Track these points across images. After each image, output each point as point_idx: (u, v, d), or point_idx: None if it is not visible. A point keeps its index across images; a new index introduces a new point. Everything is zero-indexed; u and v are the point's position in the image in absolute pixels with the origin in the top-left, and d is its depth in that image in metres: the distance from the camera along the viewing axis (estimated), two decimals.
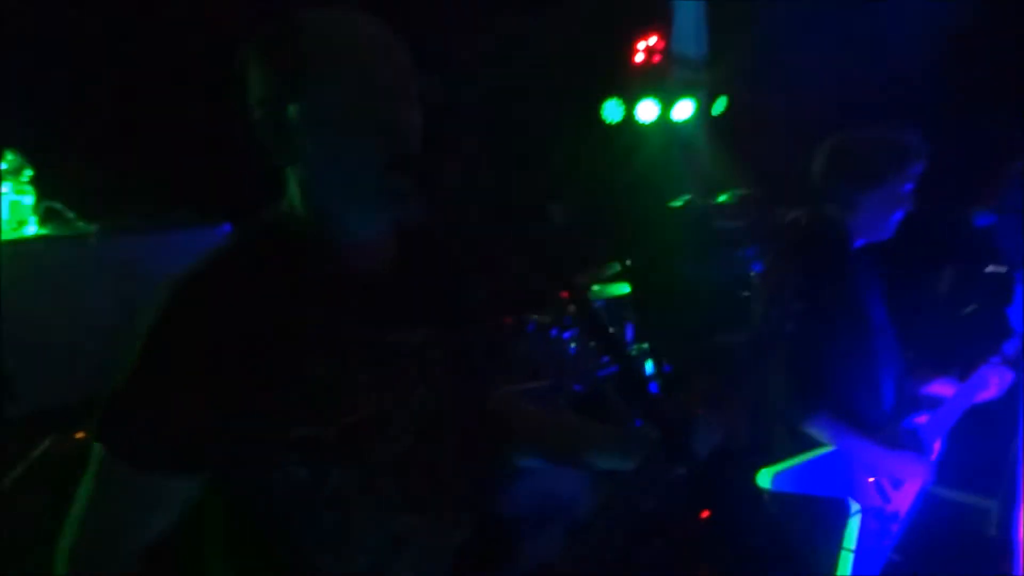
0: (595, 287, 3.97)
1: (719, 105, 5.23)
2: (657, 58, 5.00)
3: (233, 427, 1.07)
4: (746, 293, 4.24)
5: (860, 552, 2.20)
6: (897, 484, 2.23)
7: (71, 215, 2.76)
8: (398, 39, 1.18)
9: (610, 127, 4.95)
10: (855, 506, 2.21)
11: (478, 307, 1.38)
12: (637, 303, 4.39)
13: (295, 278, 1.13)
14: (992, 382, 2.34)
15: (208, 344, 1.06)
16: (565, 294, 3.86)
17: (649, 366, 3.80)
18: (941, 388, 2.43)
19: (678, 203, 4.91)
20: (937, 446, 2.36)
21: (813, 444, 2.21)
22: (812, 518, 2.27)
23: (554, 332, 3.60)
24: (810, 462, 2.22)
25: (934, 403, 2.39)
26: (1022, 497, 2.31)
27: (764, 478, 2.25)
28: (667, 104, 5.13)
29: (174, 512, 1.10)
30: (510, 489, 2.79)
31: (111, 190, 2.83)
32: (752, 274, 4.50)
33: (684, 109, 5.17)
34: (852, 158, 2.24)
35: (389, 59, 1.16)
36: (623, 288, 4.24)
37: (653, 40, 4.95)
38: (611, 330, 3.91)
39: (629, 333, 4.21)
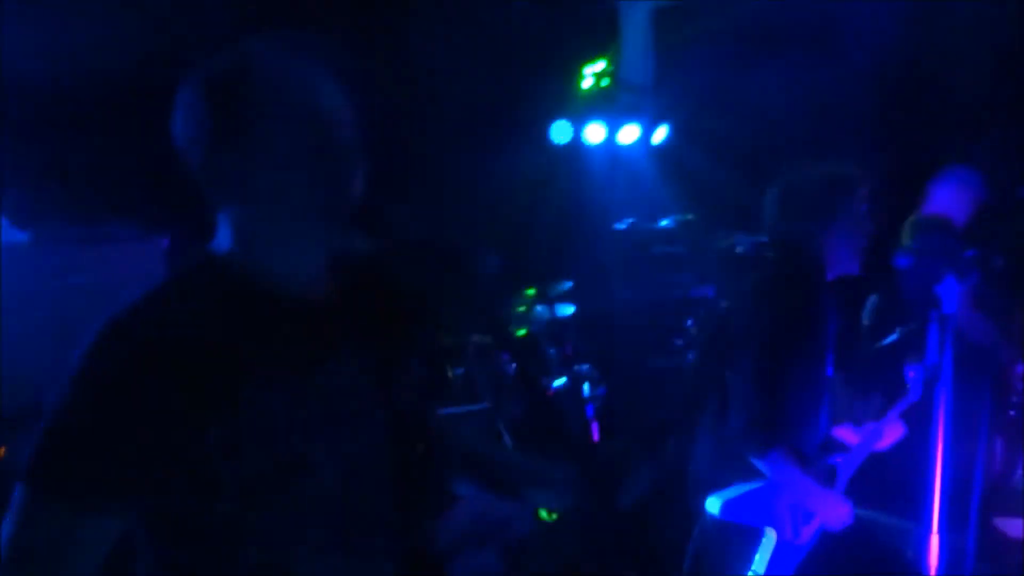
0: (539, 308, 4.02)
1: (661, 132, 5.34)
2: (604, 82, 5.09)
3: (165, 465, 1.07)
4: (683, 317, 4.34)
5: None
6: (808, 518, 2.32)
7: (4, 223, 2.69)
8: (341, 80, 1.19)
9: (558, 149, 5.02)
10: (771, 533, 2.28)
11: (414, 337, 1.39)
12: (579, 324, 4.45)
13: (229, 317, 1.14)
14: (886, 434, 2.43)
15: (141, 382, 1.06)
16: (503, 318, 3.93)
17: (586, 388, 3.85)
18: (843, 433, 2.52)
19: (621, 226, 5.00)
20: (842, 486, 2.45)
21: (750, 473, 2.27)
22: (740, 546, 2.33)
23: (495, 354, 3.63)
24: (752, 492, 2.28)
25: (842, 446, 2.48)
26: (933, 520, 2.41)
27: (713, 505, 2.29)
28: (613, 128, 5.22)
29: (101, 554, 1.09)
30: (446, 511, 2.81)
31: (47, 199, 2.78)
32: (690, 299, 4.61)
33: (629, 133, 5.27)
34: (804, 198, 2.32)
35: (333, 104, 1.16)
36: (567, 308, 4.29)
37: (600, 65, 5.04)
38: (550, 351, 3.97)
39: (570, 354, 4.25)
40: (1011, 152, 4.13)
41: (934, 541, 2.31)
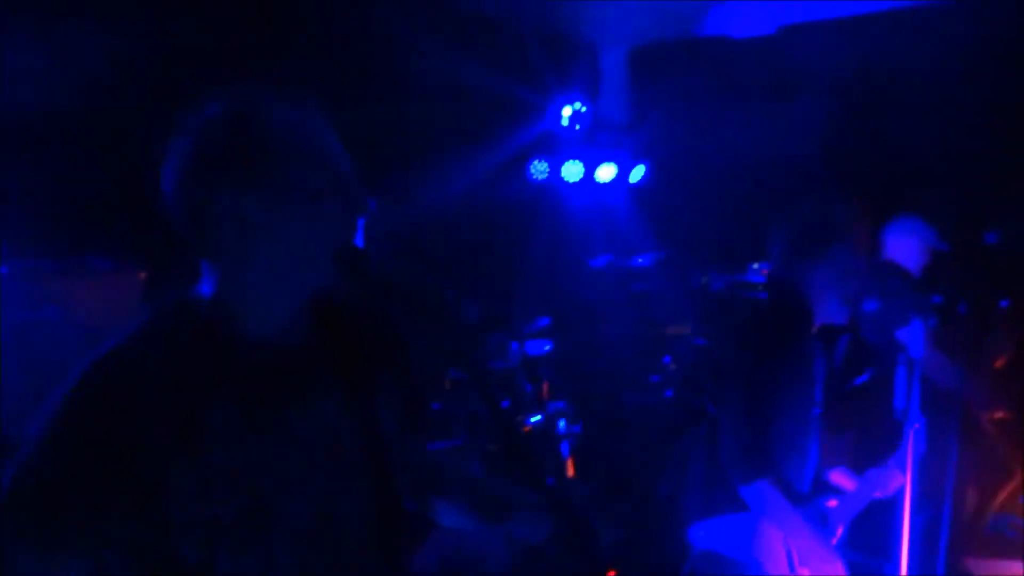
0: (515, 344, 4.03)
1: (637, 172, 5.42)
2: (582, 121, 5.17)
3: (141, 507, 1.07)
4: (659, 354, 4.37)
5: None
6: (803, 562, 2.32)
7: None
8: (333, 133, 1.20)
9: (536, 187, 5.08)
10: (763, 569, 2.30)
11: (391, 378, 1.40)
12: (555, 361, 4.46)
13: (210, 362, 1.15)
14: (888, 482, 2.46)
15: (123, 427, 1.06)
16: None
17: (562, 425, 3.86)
18: (839, 478, 2.56)
19: (598, 263, 5.05)
20: (840, 532, 2.47)
21: (738, 505, 2.28)
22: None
23: (470, 390, 3.62)
24: (737, 522, 2.30)
25: (837, 490, 2.51)
26: (902, 562, 2.44)
27: (696, 534, 2.32)
28: (591, 166, 5.29)
29: None
30: (420, 546, 2.79)
31: (21, 232, 2.76)
32: (666, 336, 4.65)
33: (606, 172, 5.34)
34: (800, 238, 2.37)
35: (324, 158, 1.18)
36: (544, 345, 4.31)
37: (578, 104, 5.12)
38: (526, 388, 3.97)
39: (546, 392, 4.26)
40: (978, 199, 4.25)
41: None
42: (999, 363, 3.67)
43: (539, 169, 4.97)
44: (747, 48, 5.25)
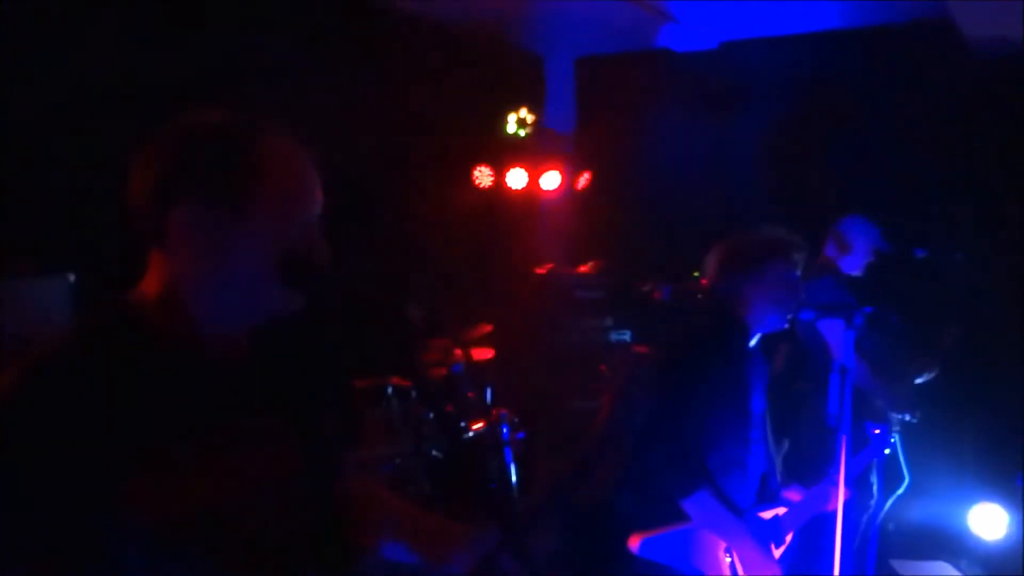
0: (458, 351, 4.03)
1: (583, 179, 5.47)
2: (527, 129, 5.21)
3: (77, 518, 1.04)
4: (601, 361, 4.41)
5: None
6: (747, 570, 2.37)
7: None
8: (303, 148, 1.20)
9: (480, 193, 5.09)
10: None
11: (333, 387, 1.39)
12: (498, 367, 4.47)
13: (149, 364, 1.13)
14: (832, 497, 2.51)
15: (55, 431, 1.03)
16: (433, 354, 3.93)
17: (505, 431, 3.87)
18: (790, 493, 2.60)
19: (541, 271, 5.07)
20: (788, 539, 2.52)
21: (679, 516, 2.31)
22: None
23: (414, 396, 3.61)
24: (678, 533, 2.32)
25: (786, 501, 2.56)
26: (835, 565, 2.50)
27: (635, 544, 2.33)
28: (536, 174, 5.32)
29: None
30: (361, 560, 2.76)
31: None
32: (609, 343, 4.70)
33: (551, 180, 5.38)
34: (735, 254, 2.45)
35: (293, 168, 1.18)
36: (485, 352, 4.31)
37: (524, 112, 5.15)
38: (469, 395, 3.97)
39: (489, 397, 4.27)
40: (909, 215, 4.40)
41: None
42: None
43: (483, 175, 4.98)
44: (690, 62, 5.37)
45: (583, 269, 5.11)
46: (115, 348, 1.12)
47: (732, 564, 2.33)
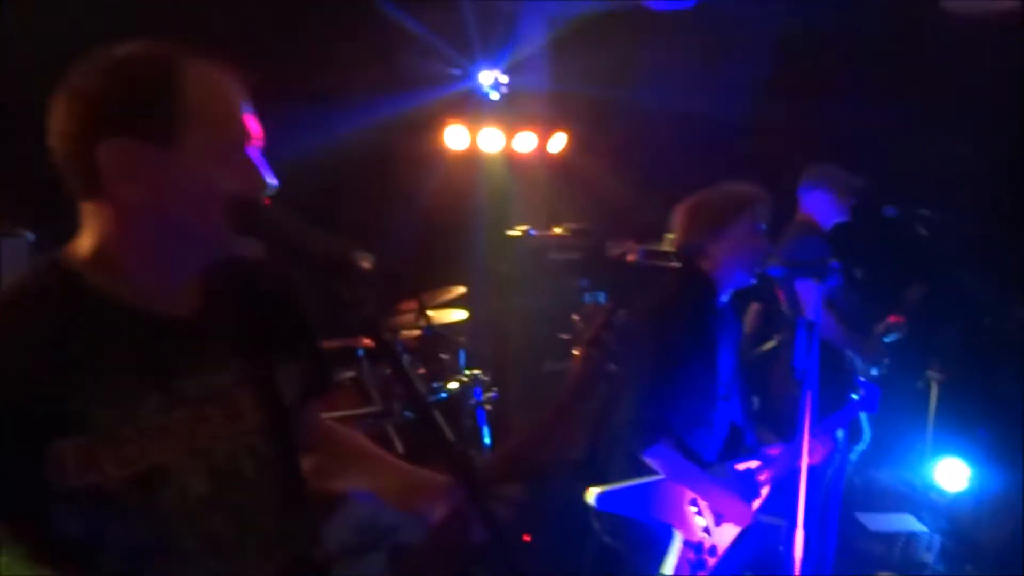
0: (429, 312, 4.02)
1: (557, 140, 5.43)
2: (500, 89, 5.15)
3: (15, 476, 1.03)
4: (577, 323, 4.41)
5: None
6: (719, 519, 2.41)
7: None
8: (234, 75, 1.14)
9: (453, 155, 5.04)
10: (677, 535, 2.36)
11: (292, 343, 1.36)
12: (472, 329, 4.47)
13: (84, 322, 1.09)
14: (816, 450, 2.55)
15: None
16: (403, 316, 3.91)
17: (478, 393, 3.88)
18: (768, 448, 2.63)
19: (515, 233, 5.06)
20: (765, 493, 2.55)
21: (645, 470, 2.35)
22: (635, 541, 2.41)
23: (384, 358, 3.59)
24: (639, 487, 2.35)
25: (761, 455, 2.59)
26: (800, 515, 2.54)
27: (592, 497, 2.37)
28: (510, 135, 5.28)
29: None
30: (329, 518, 2.77)
31: None
32: (583, 304, 4.69)
33: (525, 141, 5.34)
34: (699, 212, 2.46)
35: (221, 92, 1.13)
36: (458, 314, 4.31)
37: (496, 72, 5.09)
38: (442, 356, 3.97)
39: (462, 359, 4.27)
40: (881, 173, 4.42)
41: (800, 536, 2.44)
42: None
43: (455, 136, 4.93)
44: (667, 20, 5.31)
45: (558, 231, 5.09)
46: (48, 308, 1.08)
47: (699, 514, 2.37)
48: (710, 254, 2.42)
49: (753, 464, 2.54)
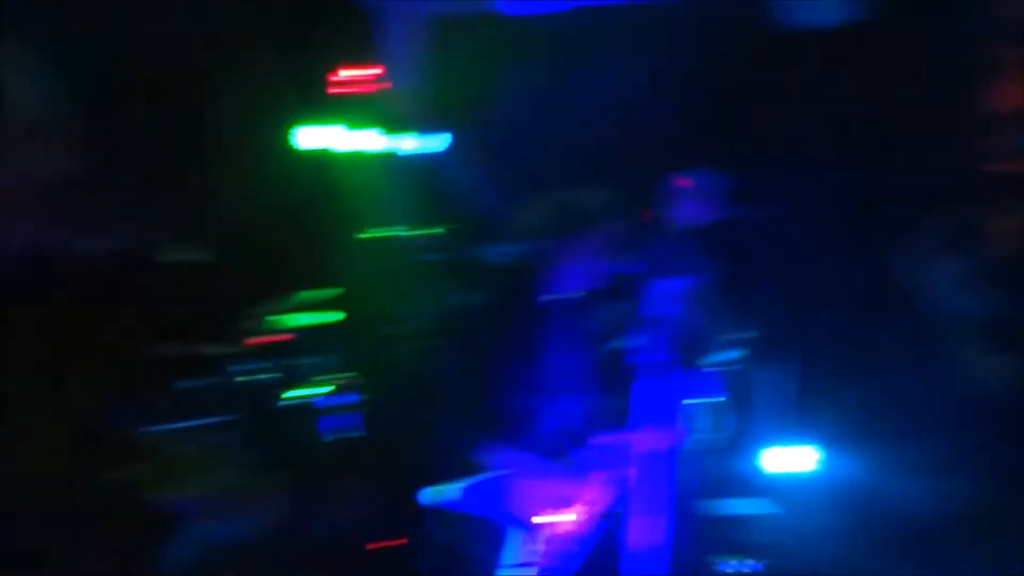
0: (289, 317, 3.94)
1: (429, 142, 5.42)
2: (366, 87, 5.09)
3: None
4: (444, 323, 4.41)
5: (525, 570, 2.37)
6: (560, 509, 2.45)
7: None
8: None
9: (315, 155, 4.94)
10: (519, 527, 2.39)
11: (122, 351, 1.31)
12: (340, 332, 4.40)
13: None
14: (660, 438, 2.64)
15: None
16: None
17: (337, 397, 3.82)
18: (606, 438, 2.69)
19: (381, 234, 5.01)
20: (607, 481, 2.61)
21: (478, 467, 2.39)
22: (473, 537, 2.43)
23: (231, 365, 3.50)
24: (476, 482, 2.40)
25: (605, 446, 2.65)
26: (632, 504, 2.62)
27: (427, 496, 2.38)
28: (376, 134, 5.21)
29: None
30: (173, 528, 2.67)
31: None
32: (447, 306, 4.69)
33: (392, 141, 5.29)
34: (544, 214, 2.52)
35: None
36: (321, 317, 4.24)
37: (360, 69, 5.03)
38: (307, 361, 3.90)
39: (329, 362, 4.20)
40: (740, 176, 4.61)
41: (642, 523, 2.52)
42: None
43: (318, 135, 4.83)
44: (536, 25, 5.39)
45: (424, 232, 5.08)
46: None
47: (539, 505, 2.41)
48: (552, 254, 2.48)
49: (594, 454, 2.60)
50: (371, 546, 2.91)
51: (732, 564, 3.61)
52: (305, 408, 3.71)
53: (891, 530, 3.93)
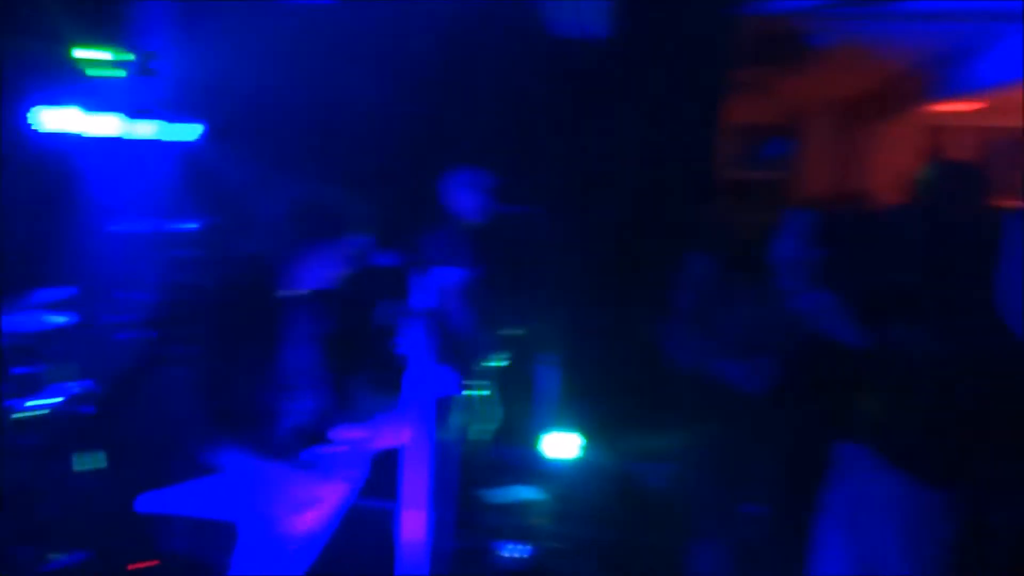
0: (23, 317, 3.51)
1: (188, 130, 5.08)
2: (112, 69, 4.68)
3: None
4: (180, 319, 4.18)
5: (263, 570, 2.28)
6: (298, 505, 2.37)
7: None
8: None
9: (47, 140, 4.45)
10: (252, 526, 2.30)
11: None
12: (82, 334, 4.00)
13: None
14: (395, 432, 2.63)
15: None
16: None
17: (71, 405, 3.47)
18: (344, 432, 2.66)
19: (127, 227, 4.64)
20: (344, 475, 2.57)
21: (204, 469, 2.30)
22: (199, 541, 2.34)
23: None
24: (198, 484, 2.36)
25: (342, 441, 2.61)
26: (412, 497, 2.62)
27: (143, 502, 2.28)
28: (124, 120, 4.80)
29: None
30: None
31: None
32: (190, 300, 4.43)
33: (144, 128, 4.90)
34: (299, 217, 2.47)
35: None
36: (61, 318, 3.82)
37: (102, 50, 4.62)
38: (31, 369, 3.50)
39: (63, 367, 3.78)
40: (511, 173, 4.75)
41: (412, 516, 2.52)
42: None
43: (49, 118, 4.35)
44: (305, 15, 5.23)
45: (183, 226, 4.75)
46: None
47: (277, 504, 2.34)
48: (289, 253, 2.44)
49: (331, 451, 2.57)
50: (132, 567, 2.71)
51: (507, 548, 3.71)
52: (35, 419, 3.33)
53: (644, 508, 4.24)
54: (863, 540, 2.44)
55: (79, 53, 4.56)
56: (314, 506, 2.38)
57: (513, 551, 3.72)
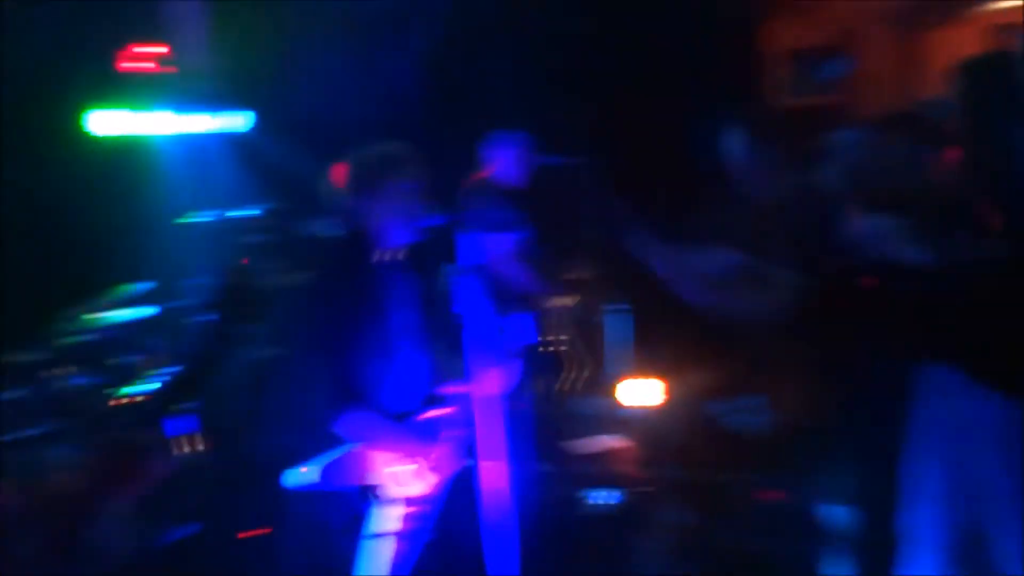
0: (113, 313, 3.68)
1: (239, 120, 5.18)
2: (158, 68, 4.79)
3: None
4: (273, 305, 4.28)
5: (390, 537, 2.36)
6: (419, 471, 2.44)
7: None
8: None
9: (112, 141, 4.59)
10: (378, 496, 2.36)
11: None
12: (166, 325, 4.16)
13: None
14: (495, 379, 2.61)
15: None
16: None
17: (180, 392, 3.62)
18: (449, 389, 2.68)
19: (206, 217, 4.77)
20: (457, 434, 2.60)
21: (332, 442, 2.34)
22: (336, 512, 2.39)
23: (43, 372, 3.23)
24: (334, 460, 2.35)
25: (449, 400, 2.64)
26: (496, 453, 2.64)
27: (288, 478, 2.32)
28: (180, 117, 4.92)
29: None
30: None
31: None
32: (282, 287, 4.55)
33: (200, 122, 5.02)
34: (354, 173, 2.47)
35: None
36: (146, 311, 3.98)
37: (153, 48, 4.72)
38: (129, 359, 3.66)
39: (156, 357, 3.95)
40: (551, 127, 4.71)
41: (498, 469, 2.54)
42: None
43: (107, 121, 4.49)
44: None
45: (247, 213, 4.86)
46: None
47: (401, 469, 2.40)
48: (367, 213, 2.45)
49: (441, 412, 2.61)
50: (241, 535, 2.83)
51: (596, 495, 3.74)
52: (137, 407, 3.49)
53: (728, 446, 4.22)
54: (964, 466, 2.33)
55: (128, 54, 4.66)
56: (435, 468, 2.43)
57: (601, 497, 3.76)
